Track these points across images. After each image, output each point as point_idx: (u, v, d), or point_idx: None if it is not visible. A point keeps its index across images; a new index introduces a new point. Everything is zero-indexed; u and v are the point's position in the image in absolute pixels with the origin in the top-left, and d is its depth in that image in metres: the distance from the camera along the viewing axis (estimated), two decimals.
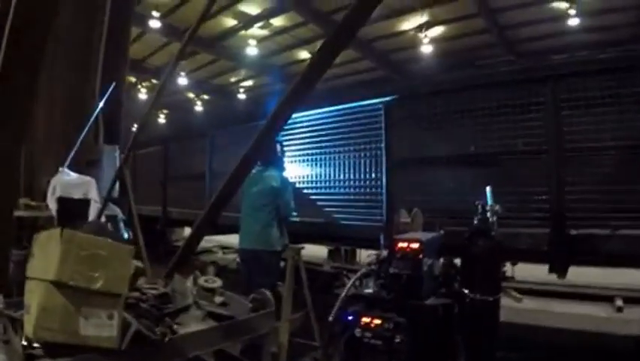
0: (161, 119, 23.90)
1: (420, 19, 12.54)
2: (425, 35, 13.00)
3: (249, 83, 20.31)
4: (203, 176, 7.08)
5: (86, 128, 3.30)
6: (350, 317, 2.69)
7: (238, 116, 16.73)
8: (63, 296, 1.60)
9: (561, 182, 3.40)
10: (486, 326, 2.62)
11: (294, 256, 4.34)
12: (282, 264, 4.42)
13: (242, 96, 20.86)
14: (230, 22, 13.95)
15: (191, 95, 21.49)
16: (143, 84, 19.30)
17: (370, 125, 4.53)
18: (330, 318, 2.61)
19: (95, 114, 3.21)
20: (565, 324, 3.83)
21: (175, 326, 1.93)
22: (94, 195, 3.18)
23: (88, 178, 3.24)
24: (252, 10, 13.13)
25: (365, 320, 2.61)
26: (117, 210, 4.04)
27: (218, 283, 2.37)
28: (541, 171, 3.59)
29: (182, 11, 13.05)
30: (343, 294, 2.63)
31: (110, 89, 3.91)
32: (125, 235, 4.08)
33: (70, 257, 1.63)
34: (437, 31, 13.14)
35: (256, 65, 16.76)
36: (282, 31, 14.42)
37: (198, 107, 22.55)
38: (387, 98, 4.36)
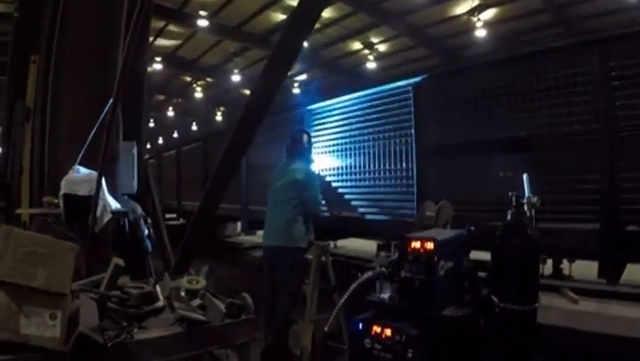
0: (219, 117, 24.47)
1: (472, 2, 11.86)
2: (478, 19, 12.34)
3: (302, 77, 20.24)
4: (238, 172, 6.96)
5: (96, 126, 3.18)
6: (360, 326, 2.37)
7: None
8: (4, 293, 1.51)
9: (614, 168, 2.83)
10: (518, 342, 2.19)
11: (319, 254, 4.08)
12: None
13: (296, 90, 20.80)
14: (279, 16, 13.85)
15: (246, 91, 21.77)
16: (198, 83, 19.79)
17: (399, 109, 4.14)
18: (326, 328, 2.29)
19: (104, 111, 3.06)
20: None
21: (135, 330, 1.73)
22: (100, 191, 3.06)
23: (95, 174, 3.13)
24: None
25: (376, 329, 2.28)
26: (136, 206, 3.95)
27: (201, 284, 2.15)
28: (591, 156, 3.04)
29: (230, 9, 13.16)
30: (342, 301, 2.30)
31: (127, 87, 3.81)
32: (146, 232, 3.99)
33: (7, 254, 1.56)
34: (490, 13, 12.40)
35: (308, 58, 16.61)
36: (331, 22, 14.15)
37: None
38: (417, 79, 3.95)
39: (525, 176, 2.45)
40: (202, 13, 12.86)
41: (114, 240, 3.60)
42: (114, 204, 3.38)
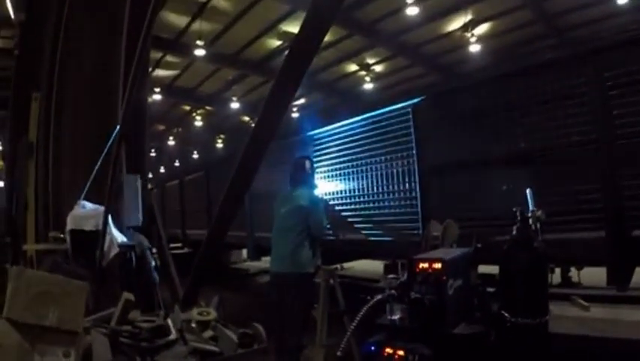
0: (219, 144, 24.61)
1: (464, 18, 12.03)
2: (472, 34, 12.49)
3: (301, 101, 20.39)
4: (242, 199, 6.97)
5: (100, 161, 3.23)
6: (373, 348, 2.35)
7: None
8: (18, 333, 1.51)
9: (615, 176, 2.85)
10: (531, 355, 2.18)
11: (328, 277, 4.07)
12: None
13: (295, 115, 20.94)
14: (275, 43, 14.06)
15: (245, 118, 21.94)
16: (198, 111, 19.95)
17: (399, 130, 4.18)
18: (339, 353, 2.28)
19: (107, 148, 3.11)
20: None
21: None
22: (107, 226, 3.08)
23: (101, 209, 3.15)
24: (294, 28, 13.15)
25: (388, 351, 2.27)
26: (143, 239, 3.97)
27: (212, 315, 2.14)
28: (592, 166, 3.06)
29: (226, 37, 13.35)
30: (353, 325, 2.29)
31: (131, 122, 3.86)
32: (153, 263, 4.00)
33: (19, 294, 1.56)
34: (483, 28, 12.56)
35: (306, 82, 16.77)
36: (327, 45, 14.33)
37: None
38: (415, 100, 3.99)
39: (528, 191, 2.47)
40: (199, 42, 13.04)
41: (122, 273, 3.61)
42: (120, 238, 3.40)
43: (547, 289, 2.36)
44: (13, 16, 5.22)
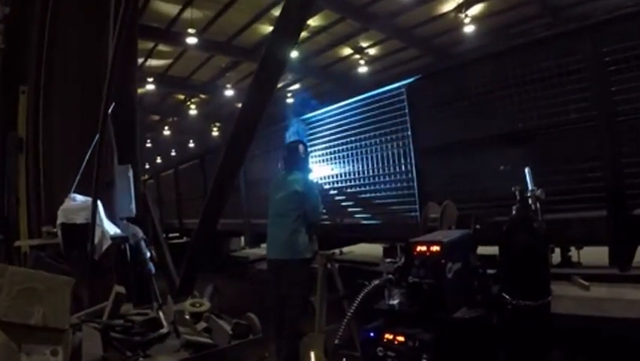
0: (215, 132, 24.48)
1: None
2: (466, 15, 12.38)
3: (295, 86, 20.26)
4: (237, 185, 6.91)
5: (89, 152, 3.14)
6: (372, 334, 2.31)
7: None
8: (4, 333, 1.46)
9: (615, 153, 2.79)
10: (533, 337, 2.13)
11: (325, 263, 4.04)
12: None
13: (290, 100, 20.80)
14: (267, 28, 13.86)
15: (240, 105, 21.75)
16: (192, 100, 19.79)
17: (394, 112, 4.10)
18: (336, 341, 2.24)
19: (95, 140, 3.02)
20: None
21: (140, 359, 1.69)
22: (96, 218, 3.01)
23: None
24: None
25: (388, 336, 2.22)
26: (137, 230, 3.91)
27: (205, 306, 2.10)
28: (592, 144, 2.99)
29: (218, 25, 13.19)
30: (350, 312, 2.24)
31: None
32: (148, 254, 3.95)
33: (2, 292, 1.51)
34: (477, 9, 12.43)
35: (300, 68, 16.62)
36: (320, 30, 14.18)
37: None
38: (409, 80, 3.91)
39: (527, 169, 2.40)
40: (190, 30, 12.88)
41: (117, 266, 3.56)
42: (113, 230, 3.33)
43: (548, 270, 2.30)
44: None
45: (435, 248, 2.13)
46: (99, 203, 3.16)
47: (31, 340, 1.49)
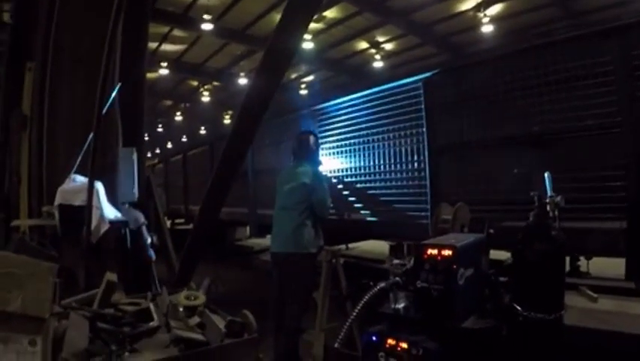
0: (227, 120, 24.42)
1: None
2: (484, 14, 12.14)
3: (309, 78, 20.10)
4: (245, 174, 6.81)
5: (92, 133, 3.04)
6: (374, 338, 2.19)
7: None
8: None
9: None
10: (543, 353, 2.00)
11: (330, 259, 3.92)
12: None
13: (304, 92, 20.64)
14: None
15: None
16: (205, 87, 19.71)
17: (409, 107, 3.96)
18: (337, 345, 2.12)
19: (96, 120, 2.91)
20: None
21: (126, 354, 1.59)
22: (95, 200, 2.91)
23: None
24: None
25: (391, 342, 2.11)
26: (139, 215, 3.82)
27: (200, 299, 1.99)
28: (615, 151, 2.84)
29: (234, 12, 13.05)
30: (354, 315, 2.12)
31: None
32: (149, 240, 3.86)
33: None
34: (496, 9, 12.20)
35: (315, 59, 16.46)
36: (336, 22, 14.01)
37: None
38: (427, 74, 3.76)
39: (547, 174, 2.26)
40: (206, 16, 12.75)
41: (117, 250, 3.48)
42: (113, 214, 3.24)
43: (563, 282, 2.17)
44: None
45: (447, 253, 2.01)
46: (100, 186, 3.07)
47: (7, 328, 1.39)
